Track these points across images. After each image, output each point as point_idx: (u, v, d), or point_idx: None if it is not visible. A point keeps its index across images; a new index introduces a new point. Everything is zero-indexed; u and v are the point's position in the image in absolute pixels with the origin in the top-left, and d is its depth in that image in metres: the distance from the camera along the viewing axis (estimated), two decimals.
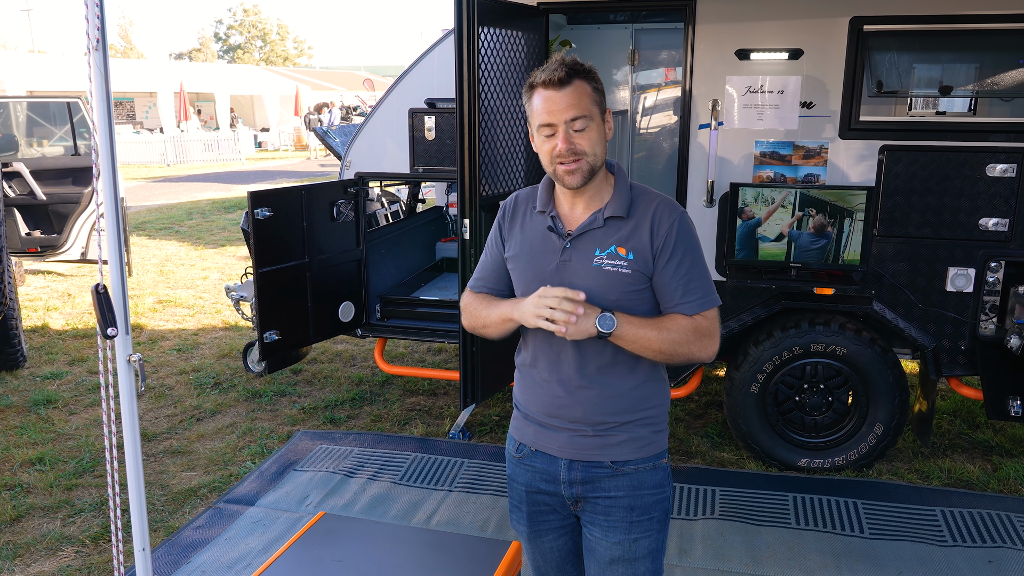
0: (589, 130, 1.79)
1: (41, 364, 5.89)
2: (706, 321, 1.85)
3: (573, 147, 1.78)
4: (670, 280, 1.84)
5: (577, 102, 1.77)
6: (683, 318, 1.83)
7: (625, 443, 1.91)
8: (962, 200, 3.76)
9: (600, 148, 1.82)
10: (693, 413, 4.97)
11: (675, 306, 1.85)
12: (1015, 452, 4.36)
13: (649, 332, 1.80)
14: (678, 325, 1.82)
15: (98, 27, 2.06)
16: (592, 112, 1.80)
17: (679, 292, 1.84)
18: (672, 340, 1.80)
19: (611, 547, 1.94)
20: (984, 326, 3.85)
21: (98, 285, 2.16)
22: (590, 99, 1.79)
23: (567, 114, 1.77)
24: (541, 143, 1.83)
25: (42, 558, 3.42)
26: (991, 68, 3.82)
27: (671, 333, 1.81)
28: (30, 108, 8.75)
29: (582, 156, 1.79)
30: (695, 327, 1.83)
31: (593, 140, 1.80)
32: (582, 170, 1.81)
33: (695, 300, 1.84)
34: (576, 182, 1.82)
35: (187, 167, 23.73)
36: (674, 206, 1.88)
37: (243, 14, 62.30)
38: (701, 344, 1.83)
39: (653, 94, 5.90)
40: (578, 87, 1.78)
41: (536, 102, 1.81)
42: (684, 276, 1.84)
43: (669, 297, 1.85)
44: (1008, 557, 3.33)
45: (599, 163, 1.84)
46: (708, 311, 1.85)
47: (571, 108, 1.77)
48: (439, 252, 6.12)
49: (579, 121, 1.78)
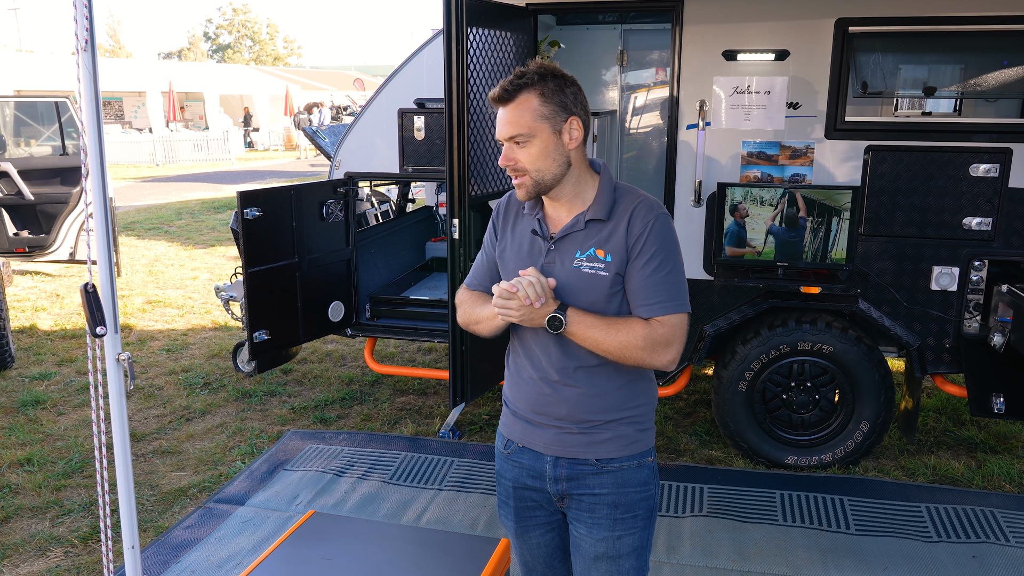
0: (530, 146, 1.80)
1: (29, 365, 5.86)
2: (663, 328, 1.79)
3: (512, 163, 1.82)
4: (635, 280, 1.82)
5: (517, 119, 1.79)
6: (638, 322, 1.81)
7: (610, 441, 1.92)
8: (946, 200, 3.80)
9: (547, 162, 1.81)
10: (682, 411, 5.00)
11: (636, 307, 1.83)
12: (999, 449, 4.41)
13: (597, 333, 1.79)
14: (630, 329, 1.79)
15: (87, 27, 2.06)
16: (535, 127, 1.78)
17: (641, 293, 1.82)
18: (621, 343, 1.78)
19: (595, 544, 1.96)
20: (968, 324, 3.89)
21: (87, 284, 2.17)
22: (534, 114, 1.78)
23: (505, 131, 1.81)
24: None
25: (31, 559, 3.41)
26: (975, 69, 3.86)
27: (620, 336, 1.78)
28: (18, 108, 8.69)
29: (524, 172, 1.82)
30: (648, 333, 1.78)
31: (534, 155, 1.80)
32: (525, 185, 1.83)
33: (655, 304, 1.81)
34: (522, 196, 1.86)
35: (176, 167, 23.62)
36: (652, 207, 1.85)
37: (233, 13, 62.07)
38: (653, 351, 1.79)
39: (642, 94, 5.93)
40: (522, 102, 1.78)
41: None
42: (649, 277, 1.81)
43: (633, 297, 1.84)
44: (992, 552, 3.37)
45: (548, 176, 1.83)
46: (667, 316, 1.80)
47: (509, 125, 1.80)
48: (429, 252, 6.13)
49: (518, 138, 1.80)
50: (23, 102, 9.13)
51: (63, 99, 8.10)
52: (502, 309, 1.82)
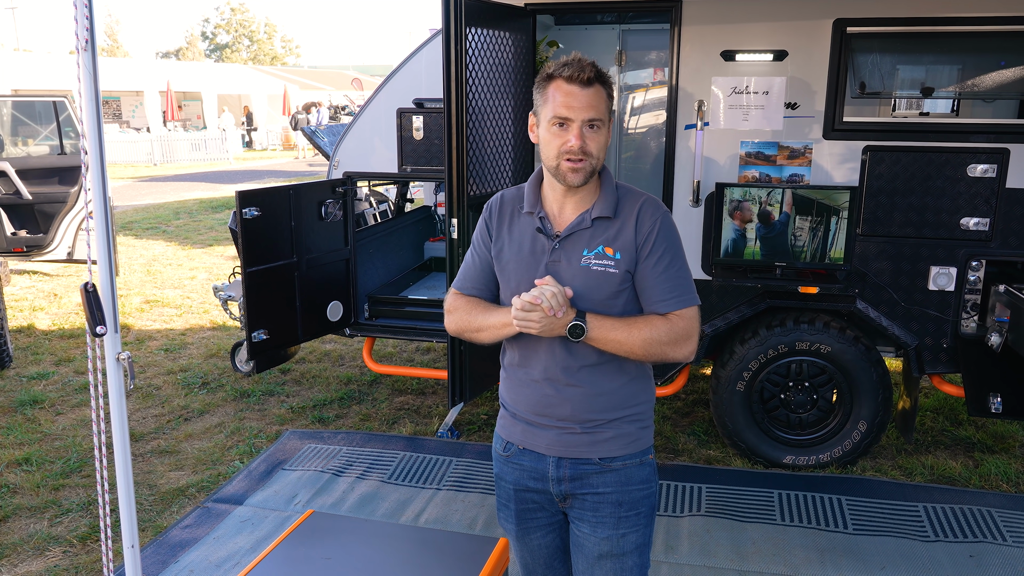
0: (600, 134, 1.82)
1: (27, 364, 5.86)
2: (682, 321, 1.85)
3: (585, 146, 1.81)
4: (649, 278, 1.86)
5: (598, 104, 1.81)
6: (658, 318, 1.85)
7: (613, 440, 1.93)
8: (944, 200, 3.81)
9: (603, 153, 1.86)
10: (680, 411, 5.00)
11: (653, 304, 1.87)
12: (996, 448, 4.42)
13: (620, 334, 1.82)
14: (652, 325, 1.83)
15: (87, 27, 2.06)
16: (605, 117, 1.83)
17: (657, 290, 1.86)
18: (645, 340, 1.82)
19: (599, 542, 1.96)
20: (966, 324, 3.90)
21: (87, 284, 2.17)
22: (606, 105, 1.83)
23: (587, 113, 1.79)
24: (550, 137, 1.83)
25: (29, 558, 3.41)
26: (972, 70, 3.87)
27: (644, 333, 1.82)
28: (15, 107, 8.69)
29: (588, 157, 1.82)
30: (670, 327, 1.84)
31: (601, 144, 1.83)
32: (585, 170, 1.83)
33: (672, 299, 1.86)
34: (578, 180, 1.84)
35: (174, 167, 23.60)
36: (657, 205, 1.91)
37: (230, 13, 61.99)
38: (676, 344, 1.84)
39: (641, 94, 5.94)
40: (599, 90, 1.81)
41: (555, 94, 1.81)
42: (663, 274, 1.86)
43: (648, 295, 1.87)
44: (989, 552, 3.38)
45: (599, 167, 1.87)
46: (685, 310, 1.86)
47: (591, 108, 1.80)
48: (427, 252, 6.13)
49: (596, 123, 1.81)
50: (21, 101, 9.13)
51: (61, 98, 8.09)
52: (523, 321, 1.81)
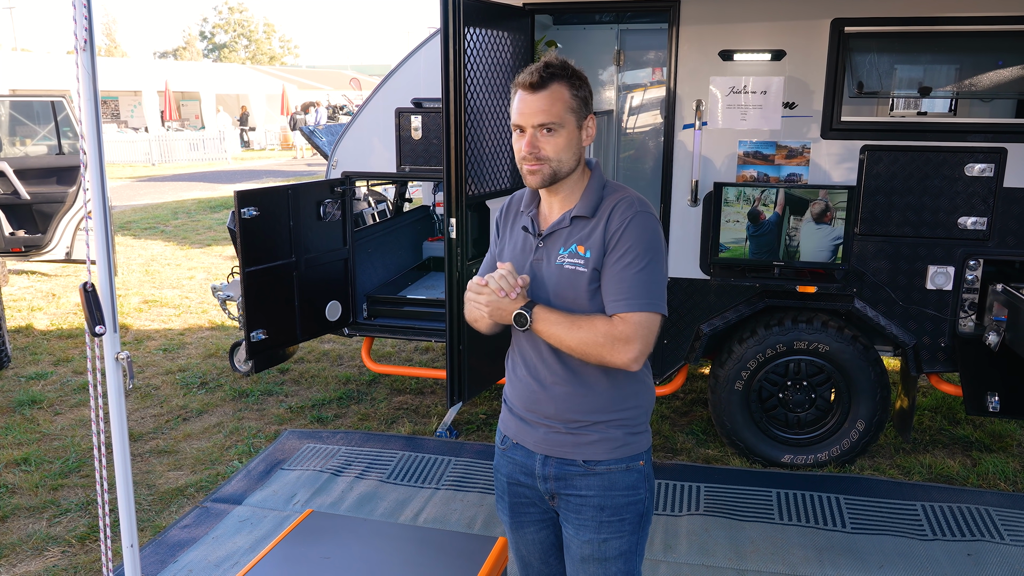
0: (557, 136, 1.81)
1: (26, 364, 5.85)
2: (623, 324, 1.78)
3: (536, 152, 1.82)
4: (607, 276, 1.83)
5: (548, 107, 1.79)
6: (601, 319, 1.81)
7: (597, 443, 1.92)
8: (941, 199, 3.82)
9: (568, 154, 1.84)
10: (678, 410, 5.01)
11: (607, 304, 1.83)
12: (994, 447, 4.43)
13: (559, 329, 1.81)
14: (592, 326, 1.79)
15: (86, 27, 2.07)
16: (564, 119, 1.81)
17: (610, 290, 1.82)
18: (581, 339, 1.79)
19: (582, 545, 1.96)
20: (963, 323, 3.90)
21: (86, 283, 2.17)
22: (564, 105, 1.80)
23: (535, 119, 1.80)
24: (514, 142, 1.87)
25: (28, 558, 3.41)
26: (970, 69, 3.87)
27: (581, 332, 1.79)
28: (13, 107, 8.68)
29: (545, 161, 1.82)
30: (608, 330, 1.78)
31: (559, 147, 1.82)
32: (543, 173, 1.84)
33: (620, 300, 1.80)
34: (536, 183, 1.87)
35: (172, 166, 23.58)
36: (632, 204, 1.86)
37: (229, 13, 61.92)
38: (613, 348, 1.77)
39: (639, 94, 5.94)
40: (554, 92, 1.80)
41: (513, 102, 1.85)
42: (619, 273, 1.81)
43: (604, 294, 1.84)
44: (987, 550, 3.39)
45: (565, 168, 1.85)
46: (631, 314, 1.78)
47: (540, 113, 1.80)
48: (426, 251, 6.13)
49: (549, 126, 1.81)
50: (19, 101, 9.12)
51: (59, 98, 8.08)
52: (472, 302, 1.88)
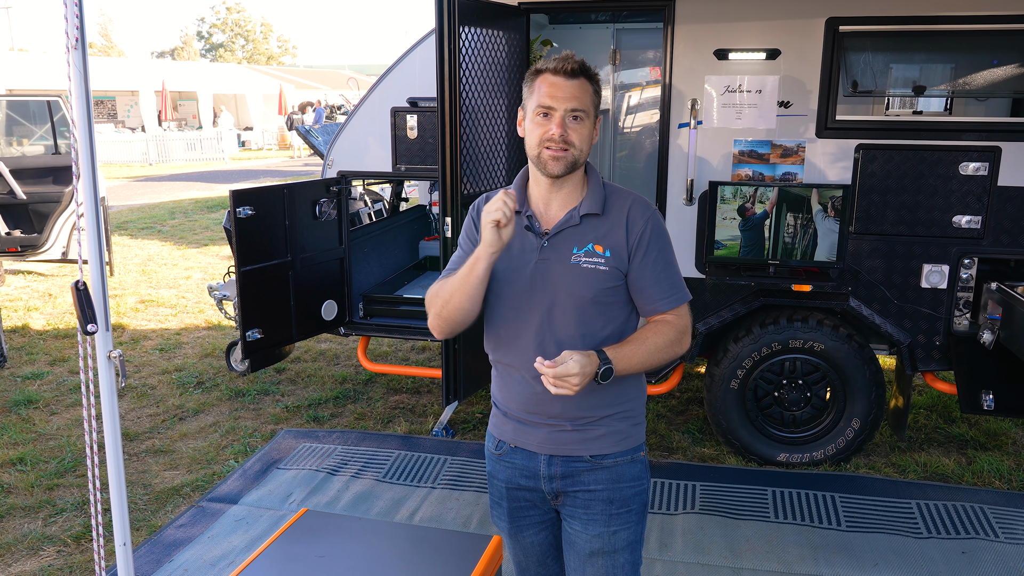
0: (583, 126, 1.84)
1: (22, 364, 5.85)
2: (679, 318, 1.91)
3: (566, 135, 1.83)
4: (647, 278, 1.89)
5: (581, 95, 1.83)
6: (660, 323, 1.89)
7: (604, 437, 1.94)
8: (936, 198, 3.83)
9: (587, 146, 1.87)
10: (674, 409, 5.01)
11: (653, 303, 1.90)
12: (989, 446, 4.44)
13: (638, 358, 1.84)
14: (659, 331, 1.88)
15: (77, 26, 2.06)
16: (590, 110, 1.86)
17: (656, 289, 1.89)
18: (659, 348, 1.87)
19: (591, 540, 1.97)
20: (958, 322, 3.91)
21: (78, 282, 2.17)
22: (590, 99, 1.86)
23: (569, 103, 1.82)
24: (534, 127, 1.85)
25: (23, 558, 3.41)
26: (964, 68, 3.88)
27: (659, 339, 1.87)
28: (10, 107, 8.67)
29: (570, 147, 1.84)
30: (674, 327, 1.89)
31: (584, 136, 1.85)
32: (567, 160, 1.84)
33: (671, 297, 1.90)
34: (558, 170, 1.85)
35: (169, 166, 23.55)
36: (646, 204, 1.93)
37: (226, 12, 61.87)
38: (680, 342, 1.90)
39: (635, 93, 5.95)
40: (583, 84, 1.84)
41: (540, 86, 1.84)
42: (661, 273, 1.89)
43: (647, 294, 1.90)
44: (981, 548, 3.40)
45: (582, 160, 1.88)
46: (682, 307, 1.92)
47: (574, 99, 1.82)
48: (422, 251, 6.13)
49: (578, 113, 1.83)
50: (15, 101, 9.11)
51: (55, 98, 8.08)
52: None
